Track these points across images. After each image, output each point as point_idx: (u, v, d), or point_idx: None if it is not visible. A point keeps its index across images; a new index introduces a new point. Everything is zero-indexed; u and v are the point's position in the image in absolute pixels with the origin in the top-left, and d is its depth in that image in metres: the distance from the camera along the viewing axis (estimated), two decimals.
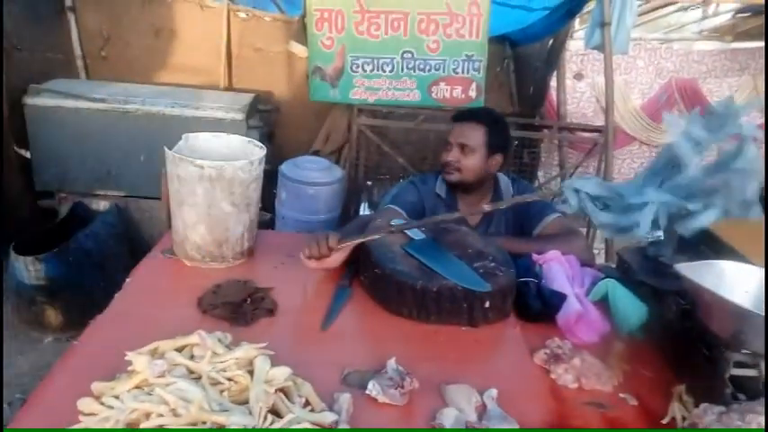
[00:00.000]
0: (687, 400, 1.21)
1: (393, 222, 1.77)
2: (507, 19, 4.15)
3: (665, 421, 1.17)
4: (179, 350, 1.10)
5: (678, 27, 7.04)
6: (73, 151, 3.61)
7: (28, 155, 3.66)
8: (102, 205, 3.60)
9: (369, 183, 4.38)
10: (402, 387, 1.16)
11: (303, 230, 1.66)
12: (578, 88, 5.89)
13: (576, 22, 5.02)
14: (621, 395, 1.25)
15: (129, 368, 1.06)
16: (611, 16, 3.46)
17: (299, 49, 4.16)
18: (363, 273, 1.64)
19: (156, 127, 3.57)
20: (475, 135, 2.05)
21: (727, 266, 1.34)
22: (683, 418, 1.16)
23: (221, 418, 0.92)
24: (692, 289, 1.26)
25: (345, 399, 1.09)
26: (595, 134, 4.09)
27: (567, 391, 1.26)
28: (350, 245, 1.60)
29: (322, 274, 1.66)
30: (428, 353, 1.37)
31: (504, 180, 2.16)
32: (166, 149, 1.61)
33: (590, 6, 3.82)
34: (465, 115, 2.14)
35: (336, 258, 1.60)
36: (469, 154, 2.04)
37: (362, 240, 1.60)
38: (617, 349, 1.38)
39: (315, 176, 3.61)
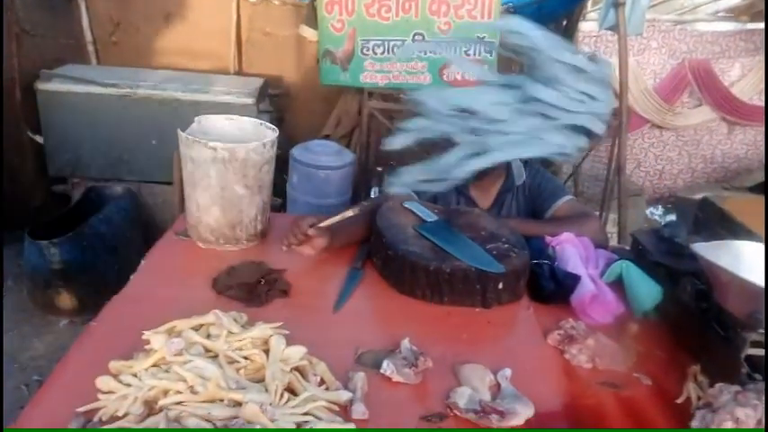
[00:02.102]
0: (702, 381, 1.21)
1: (405, 204, 1.77)
2: None
3: (679, 401, 1.17)
4: (195, 329, 1.11)
5: (692, 8, 6.92)
6: (85, 136, 3.63)
7: (41, 140, 3.68)
8: (114, 190, 3.62)
9: (378, 168, 4.36)
10: (416, 366, 1.16)
11: (314, 214, 1.66)
12: None
13: (590, 3, 4.94)
14: (636, 375, 1.25)
15: (147, 347, 1.07)
16: None
17: (309, 33, 4.14)
18: (376, 254, 1.64)
19: (167, 112, 3.58)
20: None
21: (743, 247, 1.33)
22: (698, 398, 1.15)
23: (238, 396, 0.92)
24: (708, 269, 1.25)
25: (360, 377, 1.09)
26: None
27: (582, 371, 1.26)
28: (325, 224, 1.61)
29: (333, 257, 1.66)
30: (441, 333, 1.37)
31: (516, 164, 2.14)
32: (180, 132, 1.61)
33: None
34: None
35: (321, 240, 1.61)
36: None
37: (334, 221, 1.61)
38: (631, 330, 1.37)
39: (326, 160, 3.61)
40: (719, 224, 2.05)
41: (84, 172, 3.72)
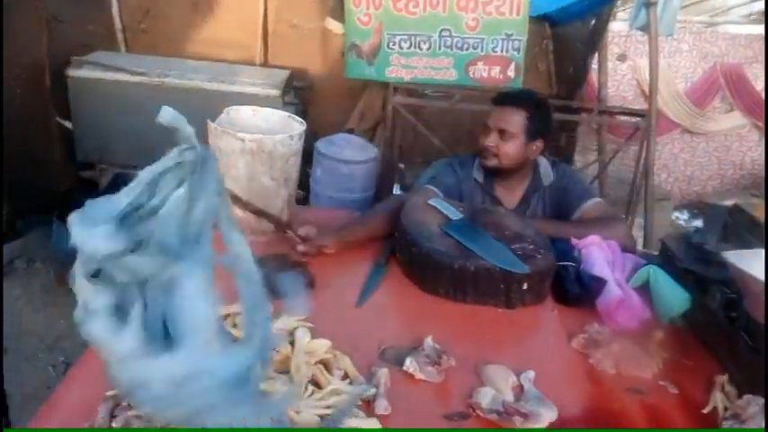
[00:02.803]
0: (730, 391, 1.19)
1: (430, 202, 1.76)
2: None
3: (706, 411, 1.15)
4: (222, 318, 1.12)
5: (725, 10, 6.80)
6: (113, 123, 3.67)
7: (70, 126, 3.74)
8: None
9: (401, 164, 4.36)
10: (439, 365, 1.16)
11: (337, 208, 1.66)
12: (619, 71, 5.73)
13: (619, 2, 4.87)
14: (661, 382, 1.23)
15: None
16: None
17: (335, 26, 4.14)
18: (400, 251, 1.64)
19: (194, 101, 3.60)
20: (515, 120, 1.96)
21: None
22: (725, 409, 1.14)
23: (264, 385, 0.93)
24: (739, 278, 1.23)
25: (383, 374, 1.10)
26: (637, 119, 3.98)
27: (606, 376, 1.24)
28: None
29: (357, 251, 1.66)
30: (464, 332, 1.36)
31: (543, 164, 2.11)
32: (209, 122, 1.62)
33: None
34: (505, 99, 2.04)
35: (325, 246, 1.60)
36: (508, 140, 1.96)
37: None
38: (657, 336, 1.35)
39: (350, 154, 3.61)
40: (749, 231, 2.02)
41: (112, 159, 3.77)
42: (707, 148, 6.07)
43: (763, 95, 5.68)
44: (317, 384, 1.00)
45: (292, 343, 1.07)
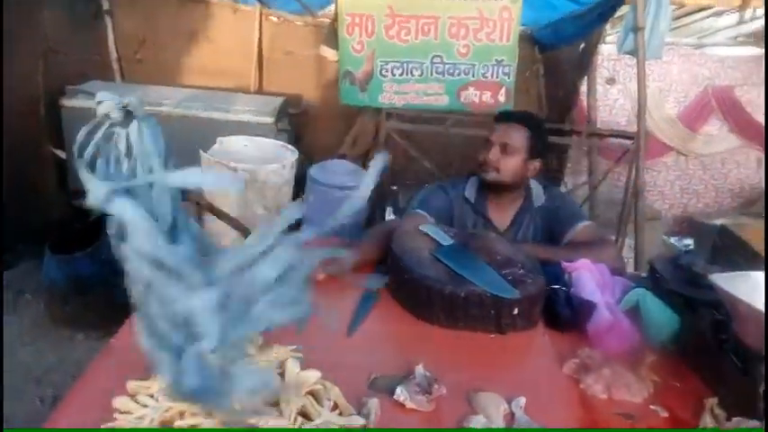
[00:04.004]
0: (719, 414, 1.19)
1: (421, 228, 1.77)
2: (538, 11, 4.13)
3: None
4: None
5: (712, 32, 6.91)
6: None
7: (63, 155, 3.75)
8: None
9: (394, 188, 4.38)
10: (430, 393, 1.16)
11: (330, 234, 1.66)
12: (610, 95, 5.80)
13: (608, 26, 4.95)
14: (652, 407, 1.23)
15: None
16: (645, 21, 3.40)
17: (329, 53, 4.19)
18: (391, 277, 1.64)
19: (188, 130, 3.61)
20: (518, 136, 2.02)
21: (762, 278, 1.31)
22: None
23: (253, 419, 0.93)
24: (727, 300, 1.24)
25: (374, 403, 1.09)
26: (627, 141, 4.02)
27: (597, 401, 1.24)
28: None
29: (348, 279, 1.66)
30: (456, 359, 1.37)
31: (535, 186, 2.14)
32: (202, 152, 1.64)
33: (622, 11, 3.78)
34: (511, 116, 2.12)
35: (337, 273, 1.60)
36: (510, 154, 2.01)
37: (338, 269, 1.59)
38: (648, 360, 1.35)
39: (342, 180, 3.62)
40: (738, 252, 2.03)
41: None
42: (703, 175, 6.08)
43: (756, 117, 5.74)
44: (306, 416, 1.00)
45: (282, 374, 1.07)
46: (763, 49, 5.92)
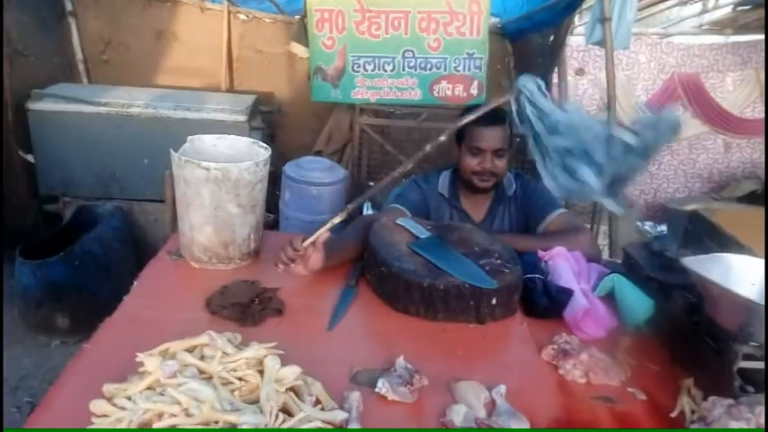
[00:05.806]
0: (695, 394, 1.21)
1: (398, 221, 1.77)
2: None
3: (673, 415, 1.17)
4: (189, 351, 1.11)
5: (678, 21, 7.04)
6: (76, 155, 3.62)
7: (32, 159, 3.67)
8: (106, 209, 3.61)
9: (371, 183, 4.38)
10: (411, 384, 1.16)
11: (307, 231, 1.65)
12: (580, 85, 5.87)
13: (577, 18, 5.00)
14: (630, 390, 1.25)
15: (141, 369, 1.06)
16: (612, 11, 3.44)
17: (299, 50, 4.17)
18: (369, 272, 1.64)
19: (159, 130, 3.58)
20: (504, 137, 2.01)
21: (733, 260, 1.34)
22: (692, 412, 1.16)
23: (233, 417, 0.92)
24: (699, 283, 1.26)
25: (355, 397, 1.09)
26: None
27: (576, 387, 1.26)
28: (313, 239, 1.59)
29: (327, 275, 1.66)
30: (436, 350, 1.37)
31: (507, 176, 2.15)
32: (172, 152, 1.61)
33: (590, 2, 3.82)
34: (494, 119, 1.95)
35: (317, 258, 1.60)
36: (501, 156, 2.00)
37: (324, 231, 1.60)
38: (624, 344, 1.38)
39: (318, 176, 3.62)
40: (709, 237, 2.07)
41: (76, 191, 3.70)
42: (672, 161, 6.18)
43: (722, 103, 5.86)
44: (287, 412, 0.99)
45: (262, 372, 1.06)
46: (728, 36, 6.06)
